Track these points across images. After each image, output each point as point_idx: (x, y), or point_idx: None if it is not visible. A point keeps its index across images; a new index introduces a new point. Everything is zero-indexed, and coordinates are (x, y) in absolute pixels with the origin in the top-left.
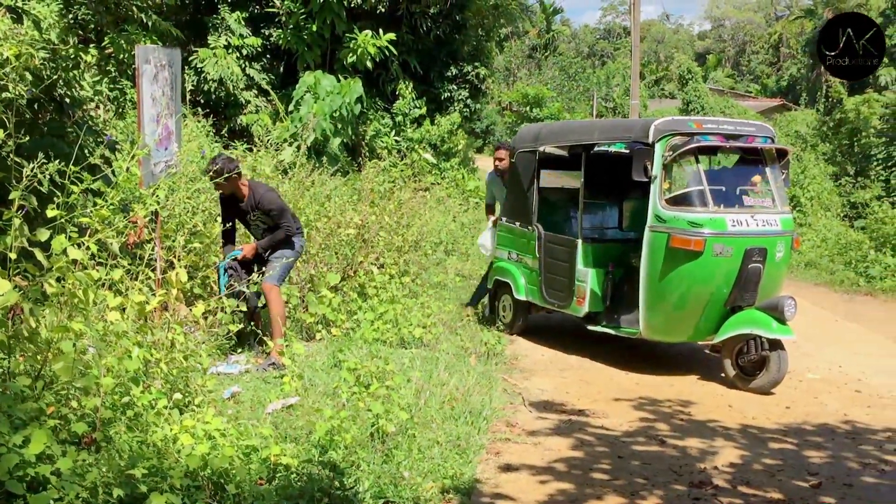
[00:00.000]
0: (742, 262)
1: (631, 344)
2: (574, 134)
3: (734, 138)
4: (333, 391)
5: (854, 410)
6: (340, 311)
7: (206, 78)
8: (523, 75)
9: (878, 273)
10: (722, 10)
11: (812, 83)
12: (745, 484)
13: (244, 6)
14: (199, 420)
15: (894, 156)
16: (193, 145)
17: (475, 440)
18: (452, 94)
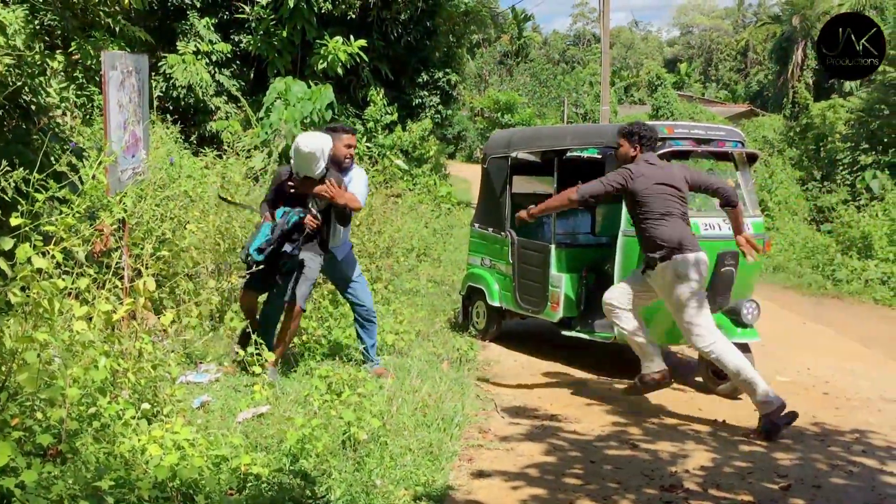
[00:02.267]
0: (715, 265)
1: (603, 348)
2: (546, 140)
3: (705, 143)
4: (305, 399)
5: (822, 412)
6: (311, 319)
7: (175, 84)
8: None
9: (844, 276)
10: (690, 17)
11: (779, 89)
12: (716, 487)
13: (213, 12)
14: (168, 430)
15: (860, 161)
16: (162, 152)
17: (448, 447)
18: (424, 101)
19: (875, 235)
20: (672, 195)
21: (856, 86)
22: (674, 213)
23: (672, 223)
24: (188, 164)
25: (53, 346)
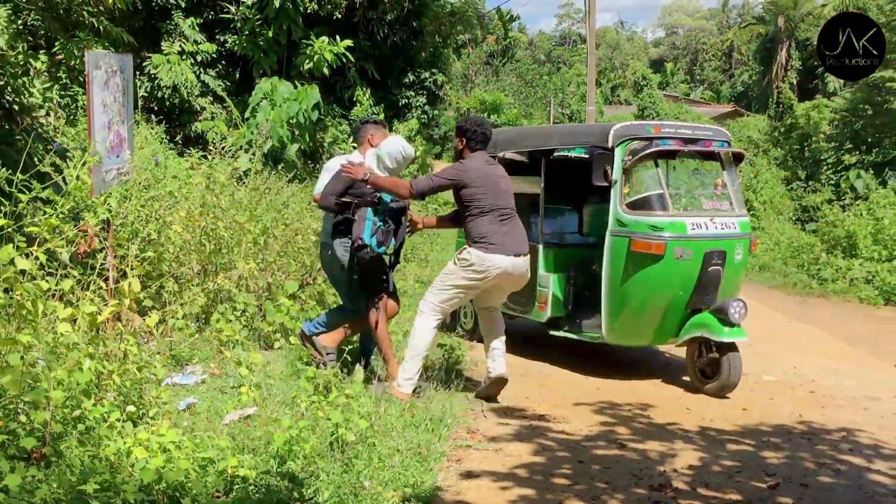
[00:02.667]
0: (702, 265)
1: (590, 348)
2: (533, 140)
3: (692, 142)
4: (292, 400)
5: (809, 411)
6: (299, 319)
7: (160, 84)
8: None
9: (829, 275)
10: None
11: (763, 90)
12: (705, 486)
13: (198, 12)
14: (154, 433)
15: (844, 160)
16: (147, 152)
17: (436, 447)
18: (410, 101)
19: (859, 235)
20: (495, 193)
21: (839, 86)
22: (493, 211)
23: (488, 219)
24: (173, 165)
25: (37, 348)
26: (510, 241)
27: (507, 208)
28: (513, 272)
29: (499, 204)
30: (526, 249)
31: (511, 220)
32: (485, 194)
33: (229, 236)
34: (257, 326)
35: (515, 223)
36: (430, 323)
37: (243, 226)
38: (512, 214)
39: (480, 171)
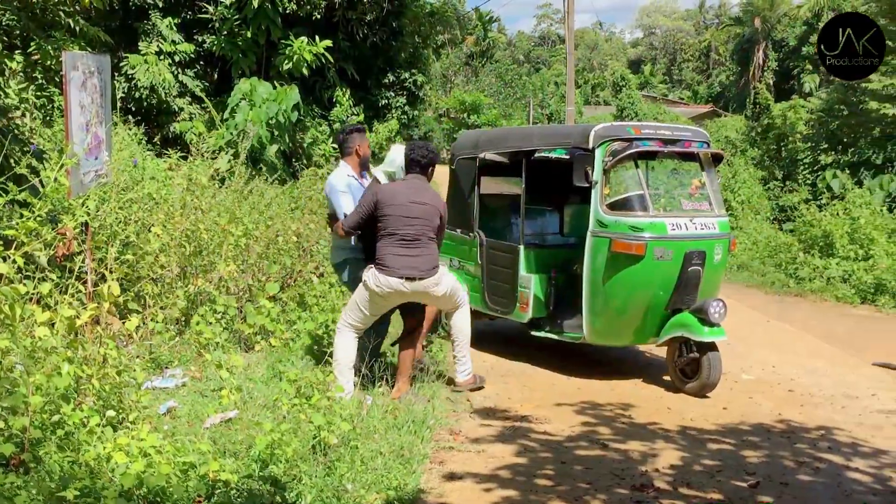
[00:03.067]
0: (682, 265)
1: (572, 348)
2: (514, 140)
3: (672, 143)
4: (273, 403)
5: (788, 410)
6: (280, 322)
7: (138, 85)
8: (460, 82)
9: (806, 275)
10: (652, 18)
11: (740, 90)
12: (686, 485)
13: (176, 12)
14: (134, 437)
15: (820, 160)
16: (125, 154)
17: (418, 449)
18: (390, 101)
19: (836, 234)
20: (407, 216)
21: (815, 87)
22: (394, 235)
23: (388, 242)
24: (152, 166)
25: (15, 352)
26: (404, 264)
27: (412, 234)
28: (408, 291)
29: (400, 229)
30: (422, 275)
31: (413, 243)
32: (388, 217)
33: (210, 238)
34: (238, 329)
35: (420, 247)
36: (345, 338)
37: (224, 228)
38: (416, 238)
39: (392, 194)
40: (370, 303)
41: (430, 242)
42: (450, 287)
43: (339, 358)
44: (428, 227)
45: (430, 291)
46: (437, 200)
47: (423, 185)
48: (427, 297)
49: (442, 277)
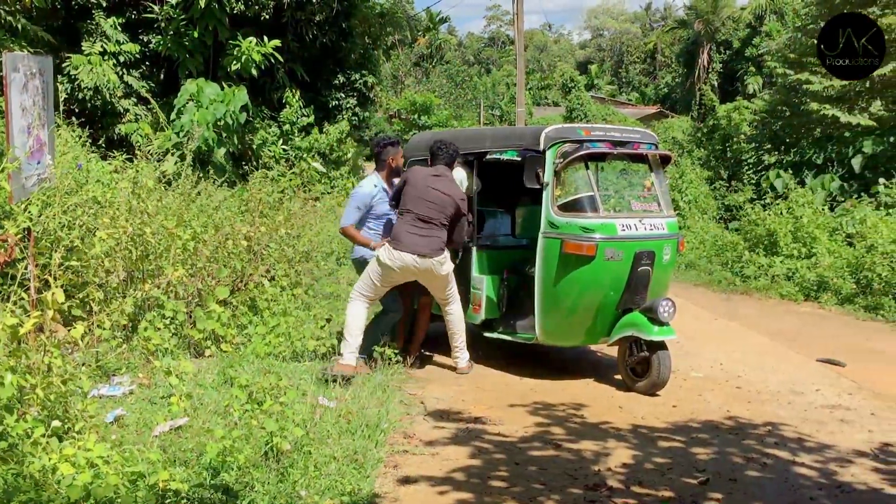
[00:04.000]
0: (632, 265)
1: (524, 349)
2: (466, 142)
3: (621, 145)
4: (225, 410)
5: (736, 406)
6: (230, 326)
7: (81, 86)
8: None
9: (752, 273)
10: (600, 20)
11: (686, 91)
12: (638, 484)
13: (120, 11)
14: (81, 447)
15: (764, 160)
16: (69, 157)
17: (373, 454)
18: (340, 103)
19: (780, 233)
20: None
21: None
22: (412, 213)
23: (404, 220)
24: (97, 169)
25: None
26: (416, 242)
27: (426, 216)
28: (417, 268)
29: (416, 209)
30: (432, 254)
31: (426, 226)
32: (409, 196)
33: (157, 242)
34: (187, 334)
35: (431, 229)
36: (356, 306)
37: (172, 231)
38: (429, 221)
39: (417, 177)
40: (382, 276)
41: (441, 228)
42: (449, 272)
43: (349, 323)
44: (442, 213)
45: (436, 270)
46: (454, 191)
47: (446, 176)
48: (431, 277)
49: (447, 259)
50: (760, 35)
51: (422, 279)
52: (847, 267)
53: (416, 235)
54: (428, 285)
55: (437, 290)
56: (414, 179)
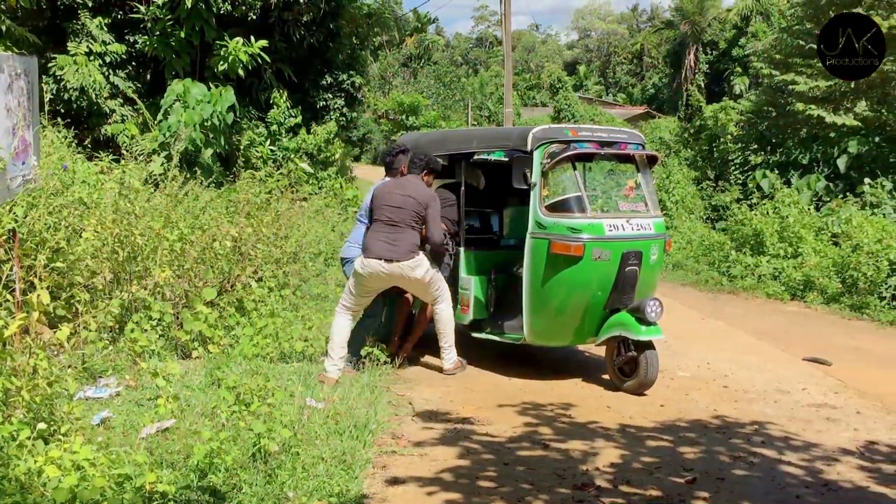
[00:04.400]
0: (619, 265)
1: (513, 349)
2: (453, 143)
3: (608, 145)
4: (212, 411)
5: (723, 406)
6: (218, 327)
7: (67, 86)
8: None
9: (738, 273)
10: (587, 21)
11: (673, 92)
12: (626, 483)
13: (106, 11)
14: (67, 450)
15: (750, 160)
16: (54, 158)
17: (361, 454)
18: (328, 103)
19: (766, 233)
20: (390, 205)
21: (745, 88)
22: (380, 221)
23: (373, 228)
24: (83, 170)
25: None
26: (383, 248)
27: (393, 220)
28: (386, 273)
29: (384, 216)
30: (399, 258)
31: (393, 229)
32: (377, 206)
33: (144, 243)
34: (174, 335)
35: (399, 233)
36: (339, 319)
37: (158, 232)
38: (395, 224)
39: (384, 188)
40: (357, 284)
41: (410, 230)
42: (429, 275)
43: (332, 337)
44: (409, 216)
45: (407, 274)
46: (421, 194)
47: (413, 181)
48: (405, 281)
49: (420, 262)
50: (746, 36)
51: (398, 284)
52: (833, 266)
53: (383, 242)
54: (408, 289)
55: (419, 294)
56: (379, 192)
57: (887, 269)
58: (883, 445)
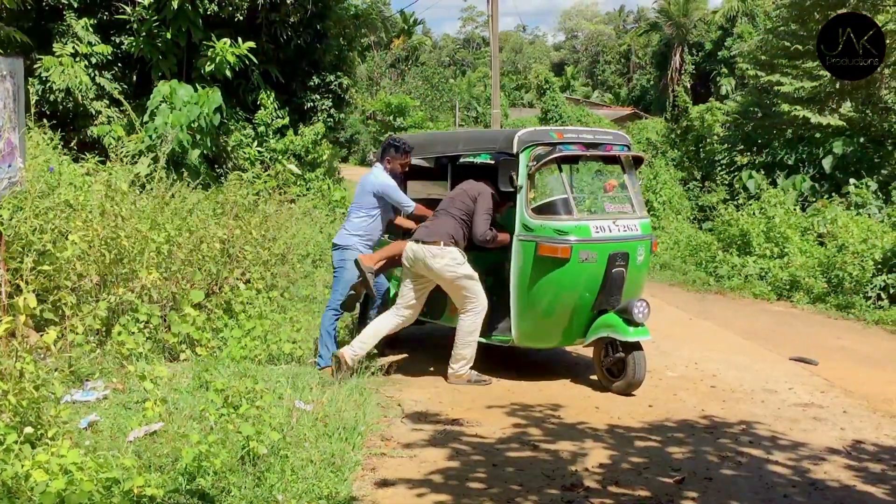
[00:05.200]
0: (606, 267)
1: (501, 351)
2: (440, 145)
3: (594, 147)
4: (200, 414)
5: (711, 405)
6: (206, 330)
7: (53, 88)
8: (386, 84)
9: (726, 273)
10: (574, 21)
11: (660, 92)
12: (615, 483)
13: (92, 12)
14: (54, 454)
15: (736, 161)
16: (40, 160)
17: (350, 456)
18: (316, 104)
19: (753, 233)
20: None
21: (731, 89)
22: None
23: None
24: (69, 172)
25: None
26: (419, 230)
27: (440, 208)
28: (412, 256)
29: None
30: (424, 238)
31: (435, 215)
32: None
33: (131, 246)
34: (162, 338)
35: (437, 217)
36: (387, 315)
37: (145, 234)
38: (438, 211)
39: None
40: (402, 273)
41: (449, 217)
42: (453, 273)
43: (370, 324)
44: (453, 205)
45: (428, 261)
46: (472, 186)
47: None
48: (432, 274)
49: (445, 253)
50: (732, 37)
51: (428, 276)
52: (818, 266)
53: (423, 226)
54: (442, 287)
55: (450, 294)
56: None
57: (872, 268)
58: (869, 444)
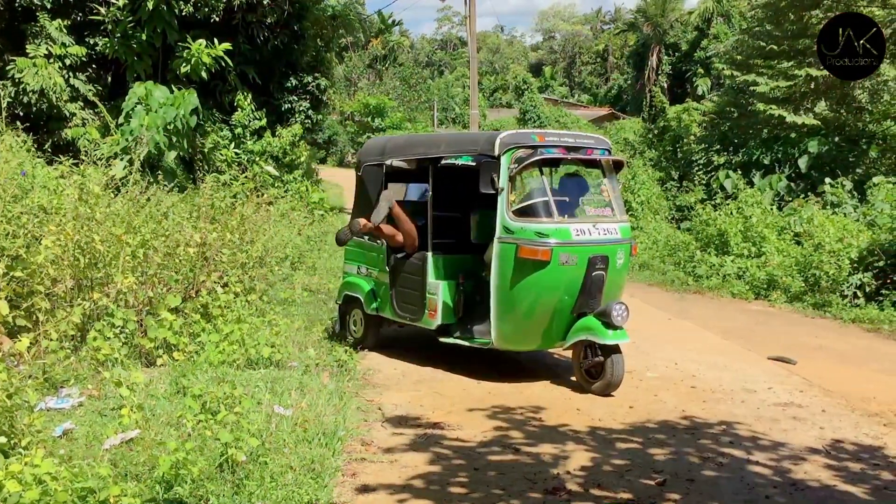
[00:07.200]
0: (586, 269)
1: (481, 353)
2: (420, 147)
3: (575, 150)
4: (177, 421)
5: (691, 406)
6: (183, 334)
7: (26, 89)
8: (364, 85)
9: (704, 272)
10: (552, 22)
11: (637, 93)
12: (597, 486)
13: (66, 13)
14: (28, 463)
15: (713, 161)
16: (13, 163)
17: (330, 462)
18: (293, 105)
19: (730, 232)
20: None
21: (707, 89)
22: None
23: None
24: (42, 175)
25: None
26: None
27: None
28: None
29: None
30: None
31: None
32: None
33: (105, 249)
34: (138, 343)
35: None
36: None
37: (120, 238)
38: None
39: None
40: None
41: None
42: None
43: None
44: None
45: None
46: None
47: None
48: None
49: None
50: (708, 38)
51: None
52: (795, 265)
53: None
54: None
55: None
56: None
57: (848, 267)
58: (849, 444)
